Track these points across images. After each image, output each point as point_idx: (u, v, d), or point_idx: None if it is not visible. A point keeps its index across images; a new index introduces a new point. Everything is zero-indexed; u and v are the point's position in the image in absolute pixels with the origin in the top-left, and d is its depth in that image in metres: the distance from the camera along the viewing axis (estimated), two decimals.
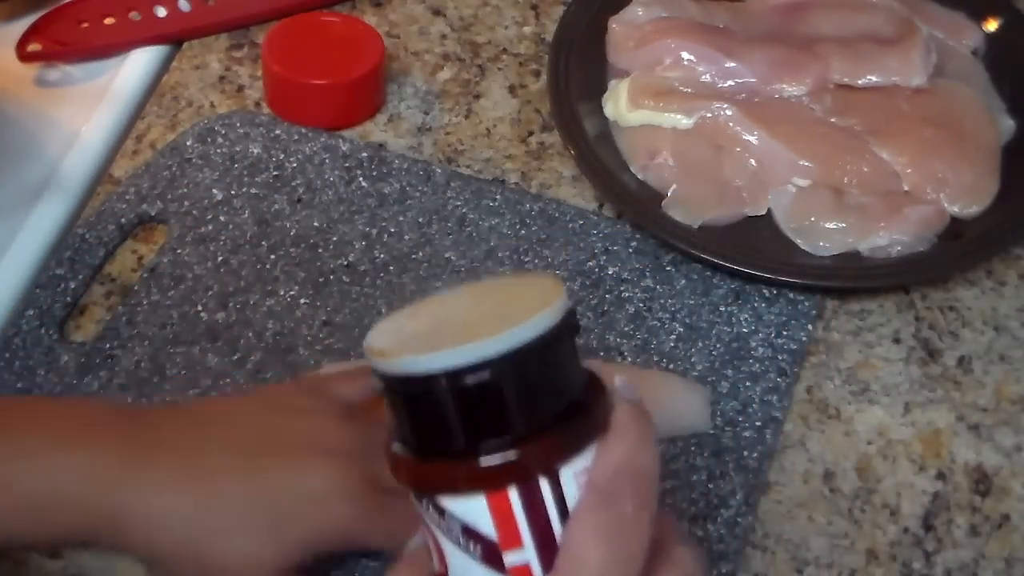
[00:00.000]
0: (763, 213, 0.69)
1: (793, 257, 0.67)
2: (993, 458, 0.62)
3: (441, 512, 0.38)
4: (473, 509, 0.37)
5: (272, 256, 0.67)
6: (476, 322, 0.38)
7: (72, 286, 0.65)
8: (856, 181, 0.69)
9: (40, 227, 0.68)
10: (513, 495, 0.37)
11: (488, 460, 0.37)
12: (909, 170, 0.70)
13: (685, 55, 0.73)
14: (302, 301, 0.65)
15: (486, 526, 0.37)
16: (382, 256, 0.67)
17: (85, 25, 0.77)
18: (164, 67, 0.77)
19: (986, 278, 0.69)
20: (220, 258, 0.66)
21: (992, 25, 0.78)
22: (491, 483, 0.37)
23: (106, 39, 0.77)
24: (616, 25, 0.76)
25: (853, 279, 0.67)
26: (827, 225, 0.68)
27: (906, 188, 0.70)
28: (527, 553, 0.37)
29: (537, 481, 0.37)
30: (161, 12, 0.78)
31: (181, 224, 0.67)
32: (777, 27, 0.77)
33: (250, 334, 0.63)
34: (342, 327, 0.64)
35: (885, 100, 0.73)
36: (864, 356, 0.65)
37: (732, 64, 0.72)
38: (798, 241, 0.68)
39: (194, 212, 0.68)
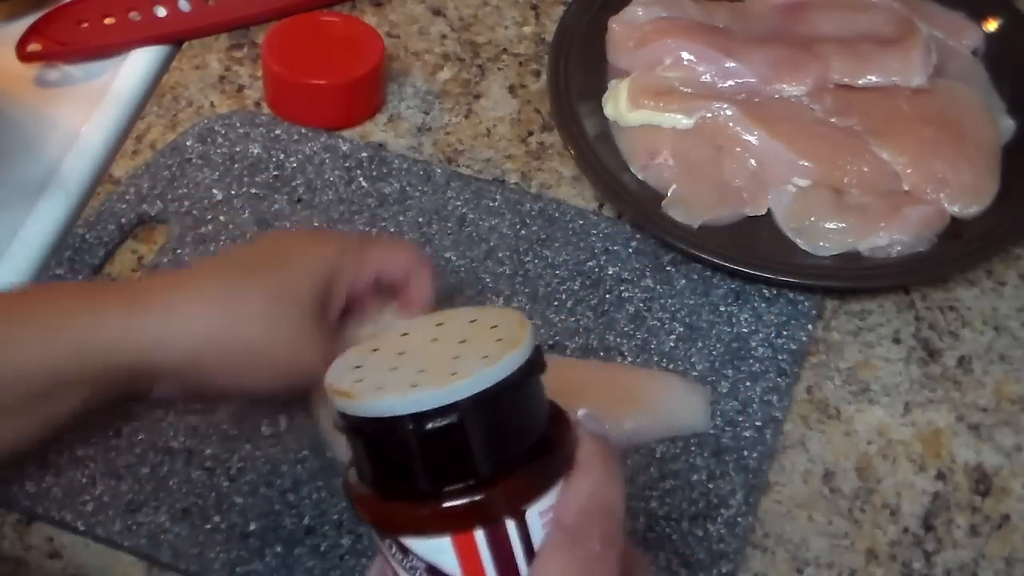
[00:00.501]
0: (763, 213, 0.69)
1: (793, 257, 0.67)
2: (993, 458, 0.62)
3: (404, 551, 0.37)
4: (438, 549, 0.37)
5: None
6: (440, 360, 0.38)
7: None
8: (856, 181, 0.69)
9: (40, 227, 0.68)
10: (479, 536, 0.37)
11: (454, 502, 0.36)
12: (909, 170, 0.70)
13: (685, 55, 0.73)
14: None
15: (451, 566, 0.37)
16: None
17: (85, 25, 0.77)
18: (164, 67, 0.77)
19: (986, 278, 0.69)
20: None
21: (992, 25, 0.78)
22: (457, 525, 0.37)
23: (106, 39, 0.77)
24: (616, 25, 0.76)
25: (853, 279, 0.67)
26: (827, 225, 0.68)
27: (906, 188, 0.70)
28: None
29: (503, 522, 0.37)
30: (161, 12, 0.78)
31: (181, 224, 0.67)
32: (777, 27, 0.77)
33: None
34: None
35: (885, 100, 0.72)
36: (864, 356, 0.65)
37: (732, 64, 0.72)
38: (798, 241, 0.68)
39: (194, 212, 0.68)
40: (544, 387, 0.39)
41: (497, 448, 0.37)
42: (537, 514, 0.37)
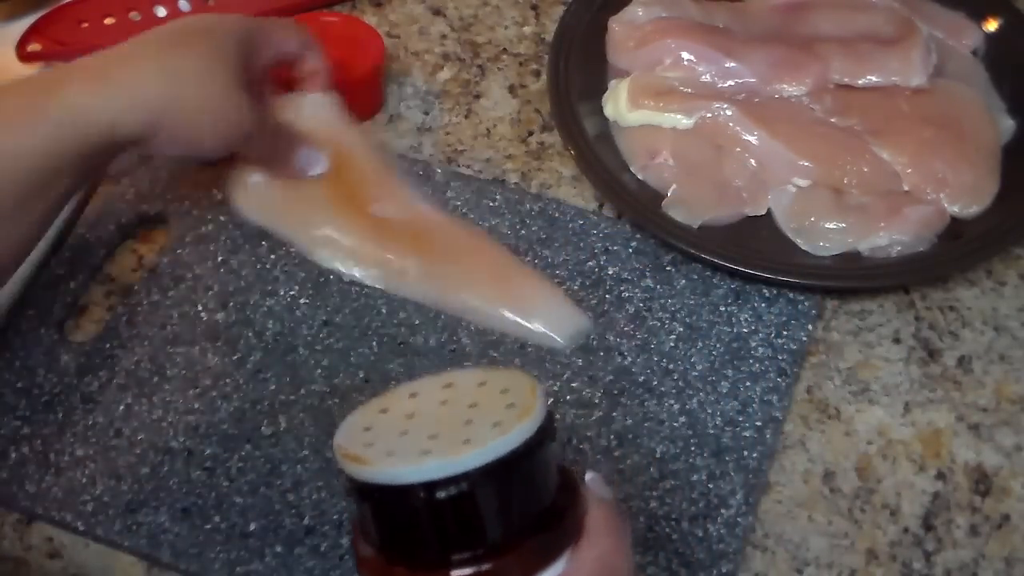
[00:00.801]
0: (763, 213, 0.69)
1: (793, 257, 0.67)
2: (993, 458, 0.62)
3: None
4: None
5: (272, 256, 0.67)
6: (451, 426, 0.38)
7: (72, 286, 0.65)
8: (856, 181, 0.69)
9: None
10: None
11: (462, 571, 0.36)
12: (909, 170, 0.70)
13: (685, 55, 0.73)
14: (302, 301, 0.65)
15: None
16: None
17: (85, 25, 0.77)
18: None
19: (986, 278, 0.69)
20: (220, 258, 0.66)
21: (992, 25, 0.78)
22: None
23: (106, 39, 0.76)
24: (616, 25, 0.76)
25: (853, 279, 0.67)
26: (827, 225, 0.68)
27: (906, 188, 0.70)
28: None
29: None
30: (161, 12, 0.78)
31: (181, 224, 0.67)
32: (777, 27, 0.77)
33: (250, 334, 0.63)
34: (342, 327, 0.64)
35: (885, 100, 0.72)
36: (864, 356, 0.65)
37: (732, 64, 0.72)
38: (798, 241, 0.68)
39: (194, 212, 0.68)
40: (555, 454, 0.39)
41: (507, 517, 0.37)
42: None
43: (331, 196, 0.66)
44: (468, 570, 0.36)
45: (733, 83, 0.72)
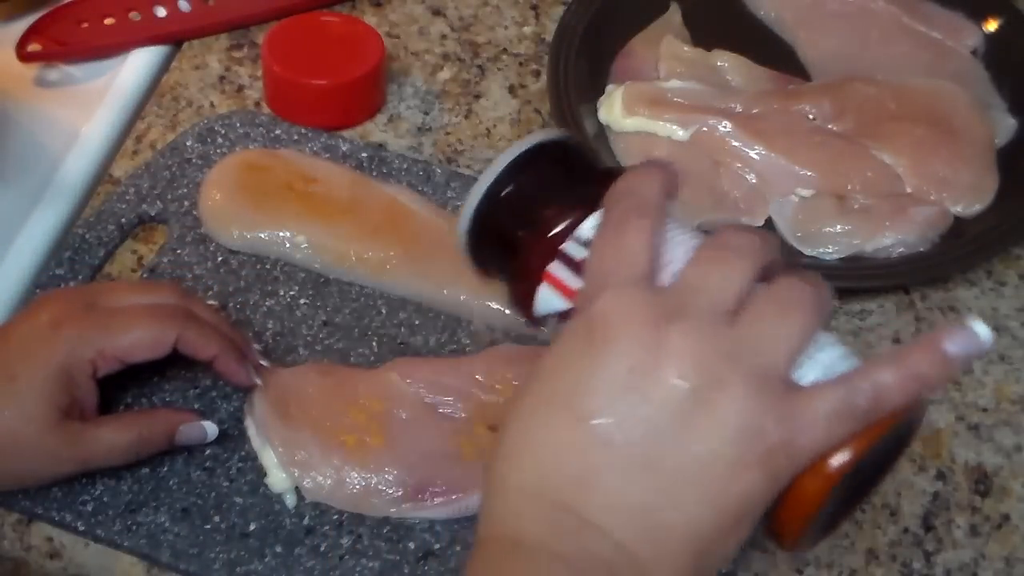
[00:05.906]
0: (760, 224, 0.69)
1: (793, 257, 0.67)
2: (993, 458, 0.62)
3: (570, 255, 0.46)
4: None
5: (272, 256, 0.66)
6: None
7: (72, 286, 0.65)
8: (859, 186, 0.69)
9: (40, 227, 0.68)
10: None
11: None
12: (910, 172, 0.70)
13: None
14: (302, 301, 0.65)
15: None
16: None
17: (85, 25, 0.77)
18: (164, 67, 0.77)
19: (986, 278, 0.69)
20: (220, 258, 0.66)
21: (992, 25, 0.78)
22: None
23: (106, 39, 0.77)
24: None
25: (853, 279, 0.67)
26: (832, 229, 0.67)
27: (908, 190, 0.69)
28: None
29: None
30: (161, 12, 0.78)
31: (181, 224, 0.67)
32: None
33: (250, 334, 0.63)
34: (342, 327, 0.64)
35: (877, 99, 0.72)
36: (864, 356, 0.65)
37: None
38: (804, 249, 0.67)
39: (194, 212, 0.68)
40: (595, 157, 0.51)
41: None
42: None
43: (302, 207, 0.66)
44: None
45: (731, 105, 0.72)
